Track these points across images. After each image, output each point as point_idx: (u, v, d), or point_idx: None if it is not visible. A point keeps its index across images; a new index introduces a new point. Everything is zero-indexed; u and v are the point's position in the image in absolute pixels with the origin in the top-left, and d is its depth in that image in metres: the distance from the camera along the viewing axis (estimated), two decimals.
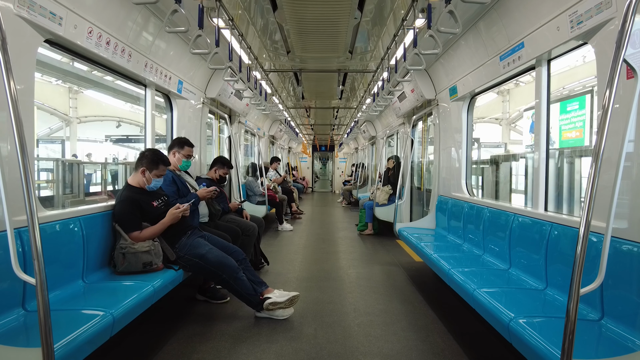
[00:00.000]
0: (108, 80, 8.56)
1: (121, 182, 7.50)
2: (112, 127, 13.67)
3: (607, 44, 2.33)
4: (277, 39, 5.36)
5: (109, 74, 3.67)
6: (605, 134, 1.53)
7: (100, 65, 3.41)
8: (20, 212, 2.08)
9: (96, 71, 6.28)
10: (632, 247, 2.08)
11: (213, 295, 3.69)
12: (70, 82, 11.56)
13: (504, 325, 2.18)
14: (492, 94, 6.33)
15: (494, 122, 8.23)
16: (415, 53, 3.65)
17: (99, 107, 12.98)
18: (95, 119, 13.44)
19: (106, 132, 13.21)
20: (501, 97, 7.41)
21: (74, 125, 12.81)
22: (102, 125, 13.50)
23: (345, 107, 11.23)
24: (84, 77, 9.96)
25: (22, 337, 2.04)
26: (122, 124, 13.62)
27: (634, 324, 2.01)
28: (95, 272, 2.88)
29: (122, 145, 13.12)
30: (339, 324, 3.21)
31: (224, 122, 7.09)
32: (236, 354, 2.69)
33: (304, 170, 21.19)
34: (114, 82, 8.34)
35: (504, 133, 7.94)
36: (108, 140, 13.09)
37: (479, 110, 7.01)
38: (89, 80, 10.15)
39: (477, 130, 7.74)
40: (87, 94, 12.59)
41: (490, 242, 3.70)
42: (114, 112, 13.50)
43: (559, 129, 4.85)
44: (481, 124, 8.03)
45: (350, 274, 4.72)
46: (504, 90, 6.47)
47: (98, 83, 10.13)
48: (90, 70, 7.50)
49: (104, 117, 13.55)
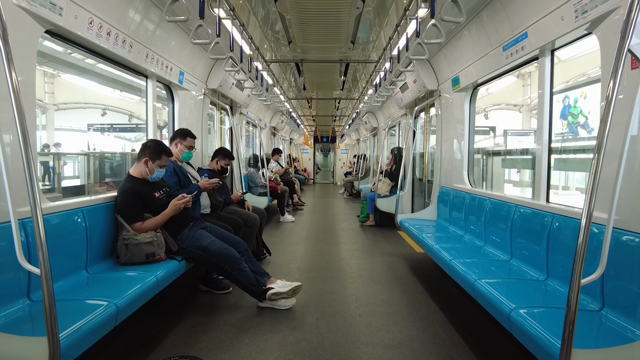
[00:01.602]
0: (89, 63, 7.68)
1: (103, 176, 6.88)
2: (97, 115, 12.33)
3: (612, 33, 2.30)
4: (278, 29, 5.32)
5: (109, 65, 3.64)
6: (608, 125, 1.52)
7: (101, 56, 3.39)
8: (24, 203, 2.09)
9: (76, 53, 5.52)
10: (634, 238, 2.08)
11: (216, 285, 3.72)
12: (46, 65, 10.17)
13: (505, 316, 2.20)
14: (512, 77, 5.72)
15: (511, 109, 7.29)
16: (418, 43, 3.62)
17: (81, 93, 12.02)
18: (76, 106, 12.35)
19: (89, 121, 11.97)
20: (521, 81, 6.41)
21: (50, 113, 11.75)
22: (85, 113, 12.18)
23: (347, 98, 11.18)
24: (61, 60, 8.63)
25: (27, 326, 2.06)
26: (107, 112, 12.29)
27: (634, 314, 2.02)
28: (98, 262, 2.90)
29: (108, 134, 11.99)
30: (340, 314, 3.24)
31: (225, 113, 7.08)
32: (239, 344, 2.72)
33: (305, 162, 21.17)
34: (96, 66, 7.38)
35: (524, 120, 6.97)
36: (91, 130, 12.17)
37: (494, 96, 6.33)
38: (67, 64, 8.91)
39: (492, 119, 7.08)
40: (67, 79, 11.38)
41: (492, 233, 3.70)
42: (99, 100, 12.11)
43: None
44: (497, 110, 7.45)
45: (351, 264, 4.74)
46: (525, 72, 5.63)
47: (77, 66, 8.95)
48: (67, 52, 6.60)
49: (86, 104, 12.41)
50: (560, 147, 4.56)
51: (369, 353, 2.61)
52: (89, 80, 10.03)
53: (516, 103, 7.06)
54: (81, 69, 8.85)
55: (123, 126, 10.91)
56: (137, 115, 7.17)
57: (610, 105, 1.52)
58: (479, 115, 5.86)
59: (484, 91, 5.22)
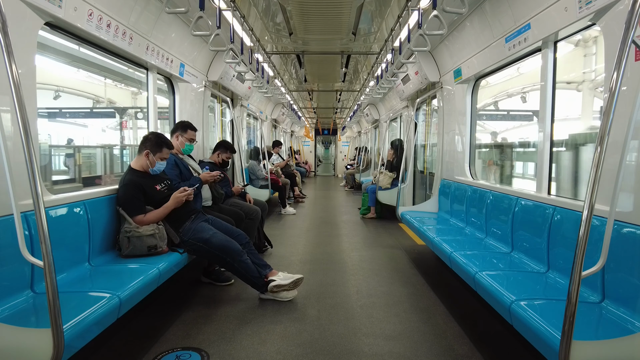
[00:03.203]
0: (40, 35, 6.88)
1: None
2: (49, 97, 10.35)
3: (616, 24, 2.28)
4: (279, 21, 5.28)
5: (109, 57, 3.62)
6: (611, 117, 1.51)
7: (101, 49, 3.37)
8: (26, 196, 2.09)
9: None
10: (635, 231, 2.08)
11: (217, 277, 3.74)
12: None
13: (506, 308, 2.21)
14: (569, 46, 4.11)
15: (565, 88, 5.08)
16: (419, 34, 3.59)
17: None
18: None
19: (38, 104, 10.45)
20: (581, 50, 4.50)
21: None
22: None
23: (349, 90, 11.12)
24: None
25: (31, 318, 2.08)
26: (62, 94, 10.50)
27: (635, 306, 2.03)
28: (101, 255, 2.92)
29: (56, 121, 10.11)
30: (341, 306, 3.26)
31: (227, 106, 7.06)
32: (241, 335, 2.74)
33: (306, 154, 21.15)
34: (48, 39, 6.57)
35: (585, 102, 4.95)
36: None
37: (536, 73, 4.15)
38: None
39: (531, 101, 5.59)
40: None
41: (493, 226, 3.71)
42: (51, 80, 10.16)
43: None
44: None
45: (352, 257, 4.76)
46: (589, 38, 4.10)
47: None
48: None
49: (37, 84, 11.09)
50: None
51: (370, 344, 2.63)
52: (40, 55, 8.88)
53: (570, 80, 5.18)
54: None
55: (76, 110, 9.09)
56: (107, 99, 6.91)
57: (614, 97, 1.51)
58: (515, 98, 5.53)
59: (515, 71, 4.43)
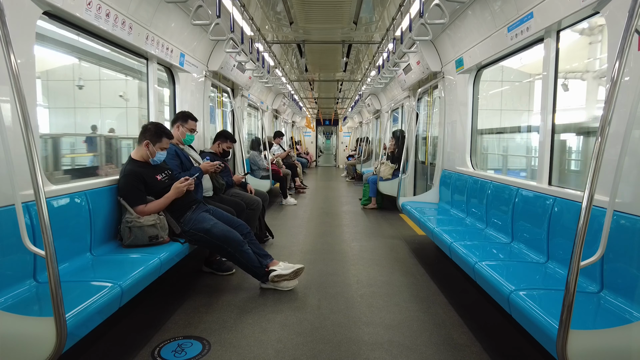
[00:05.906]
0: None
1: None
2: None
3: (620, 13, 2.25)
4: (279, 10, 5.23)
5: (108, 48, 3.61)
6: (612, 106, 1.50)
7: (100, 38, 3.35)
8: (27, 186, 2.10)
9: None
10: (634, 221, 2.08)
11: (219, 267, 3.76)
12: None
13: (505, 297, 2.22)
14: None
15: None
16: (421, 23, 3.55)
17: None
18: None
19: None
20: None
21: None
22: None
23: (350, 80, 11.05)
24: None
25: (34, 307, 2.10)
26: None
27: (633, 296, 2.04)
28: (102, 245, 2.94)
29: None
30: (342, 295, 3.28)
31: (227, 96, 7.03)
32: (242, 324, 2.77)
33: (307, 145, 21.10)
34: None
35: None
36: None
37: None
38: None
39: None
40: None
41: (493, 216, 3.71)
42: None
43: None
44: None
45: (353, 247, 4.78)
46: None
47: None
48: None
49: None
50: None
51: (370, 333, 2.65)
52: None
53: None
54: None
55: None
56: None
57: (616, 86, 1.50)
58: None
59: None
